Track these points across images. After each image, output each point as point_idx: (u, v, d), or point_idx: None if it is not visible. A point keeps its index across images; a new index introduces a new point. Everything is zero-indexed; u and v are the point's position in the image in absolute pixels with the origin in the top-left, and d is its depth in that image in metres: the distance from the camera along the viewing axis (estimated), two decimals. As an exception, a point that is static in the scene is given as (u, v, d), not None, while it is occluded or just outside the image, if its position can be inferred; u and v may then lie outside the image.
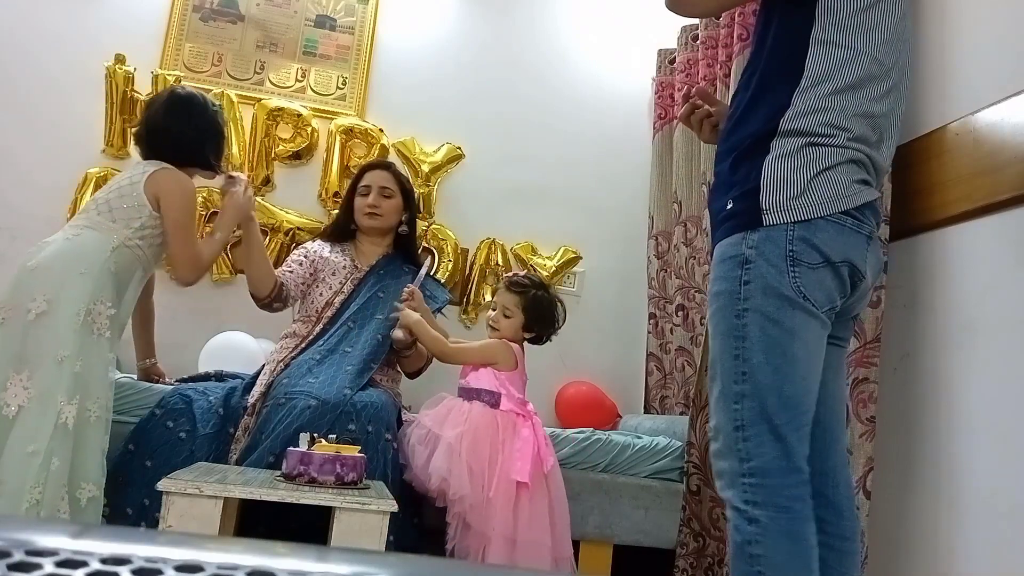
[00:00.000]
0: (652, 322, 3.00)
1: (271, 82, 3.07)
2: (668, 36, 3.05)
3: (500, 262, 3.07)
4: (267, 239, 2.91)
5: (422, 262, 2.55)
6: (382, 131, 3.05)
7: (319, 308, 2.36)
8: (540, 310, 2.18)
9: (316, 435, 1.74)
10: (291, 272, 2.36)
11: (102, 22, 2.97)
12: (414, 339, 2.24)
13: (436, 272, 2.91)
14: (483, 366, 2.13)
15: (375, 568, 0.29)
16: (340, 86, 3.11)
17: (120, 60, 2.88)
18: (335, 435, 1.79)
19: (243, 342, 2.67)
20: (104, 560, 0.27)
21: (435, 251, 3.04)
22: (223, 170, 2.21)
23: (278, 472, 1.72)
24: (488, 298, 3.01)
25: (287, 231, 2.94)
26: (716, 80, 2.63)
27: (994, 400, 1.55)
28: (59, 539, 0.28)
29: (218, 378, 2.36)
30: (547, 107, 3.22)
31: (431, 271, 2.55)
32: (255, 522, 1.94)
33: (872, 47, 1.31)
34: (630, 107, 3.26)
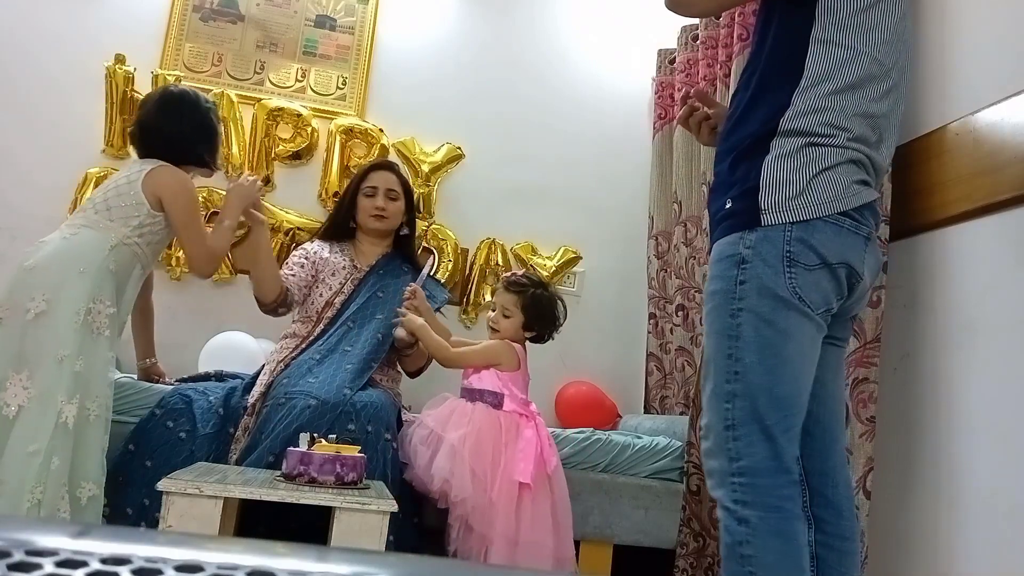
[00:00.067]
0: (652, 322, 3.00)
1: (271, 82, 3.07)
2: (668, 36, 3.05)
3: (500, 262, 3.07)
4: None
5: (421, 262, 2.56)
6: (382, 131, 3.05)
7: (319, 308, 2.36)
8: (540, 308, 2.17)
9: (316, 435, 1.74)
10: (293, 275, 2.36)
11: (102, 22, 2.97)
12: (416, 339, 2.24)
13: (436, 272, 2.91)
14: (486, 368, 2.13)
15: (375, 568, 0.29)
16: (340, 86, 3.11)
17: (120, 60, 2.88)
18: (335, 435, 1.79)
19: (243, 342, 2.67)
20: (104, 560, 0.27)
21: (435, 251, 3.05)
22: (219, 167, 2.20)
23: (278, 472, 1.72)
24: (488, 298, 3.01)
25: (287, 231, 2.94)
26: (716, 80, 2.63)
27: (994, 400, 1.55)
28: (59, 539, 0.28)
29: (218, 378, 2.36)
30: (547, 107, 3.23)
31: (432, 271, 2.55)
32: (255, 522, 1.94)
33: (872, 47, 1.30)
34: (630, 107, 3.26)
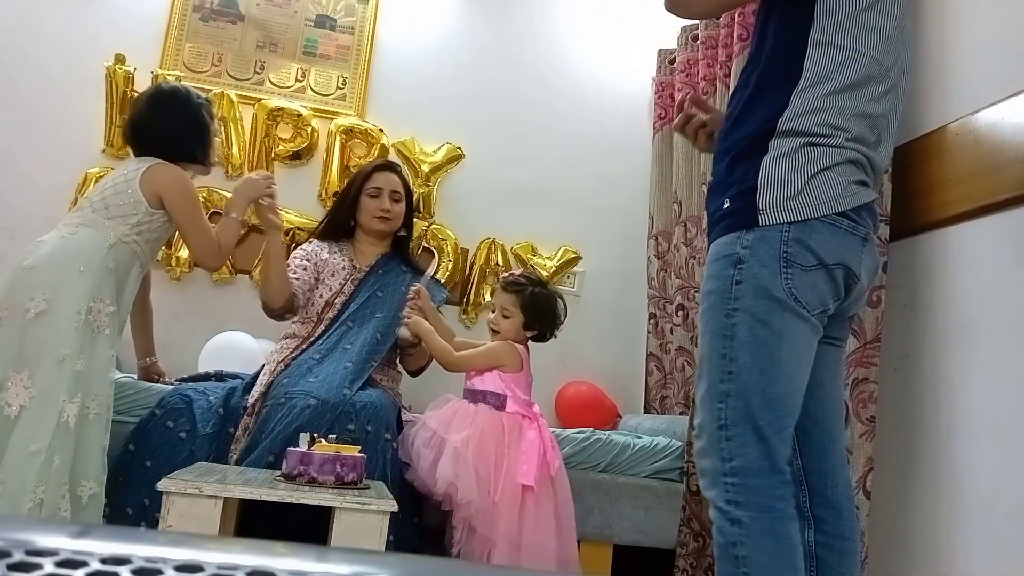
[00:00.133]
0: (652, 322, 3.00)
1: (271, 82, 3.07)
2: (668, 36, 3.05)
3: (500, 262, 3.06)
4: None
5: (420, 263, 2.56)
6: (382, 131, 3.05)
7: (319, 309, 2.36)
8: (539, 307, 2.16)
9: (316, 435, 1.74)
10: (297, 279, 2.36)
11: (102, 22, 2.97)
12: (419, 339, 2.24)
13: (436, 272, 2.92)
14: (489, 370, 2.12)
15: (375, 568, 0.29)
16: (340, 86, 3.11)
17: (120, 60, 2.88)
18: (335, 435, 1.79)
19: (243, 342, 2.67)
20: (104, 560, 0.27)
21: (435, 251, 3.05)
22: (213, 163, 2.19)
23: (278, 472, 1.72)
24: (488, 298, 3.01)
25: (287, 231, 2.93)
26: (716, 80, 2.63)
27: (994, 400, 1.55)
28: (59, 539, 0.28)
29: (218, 378, 2.36)
30: (547, 107, 3.23)
31: (433, 273, 2.57)
32: (255, 522, 1.95)
33: (871, 48, 1.30)
34: (630, 107, 3.26)
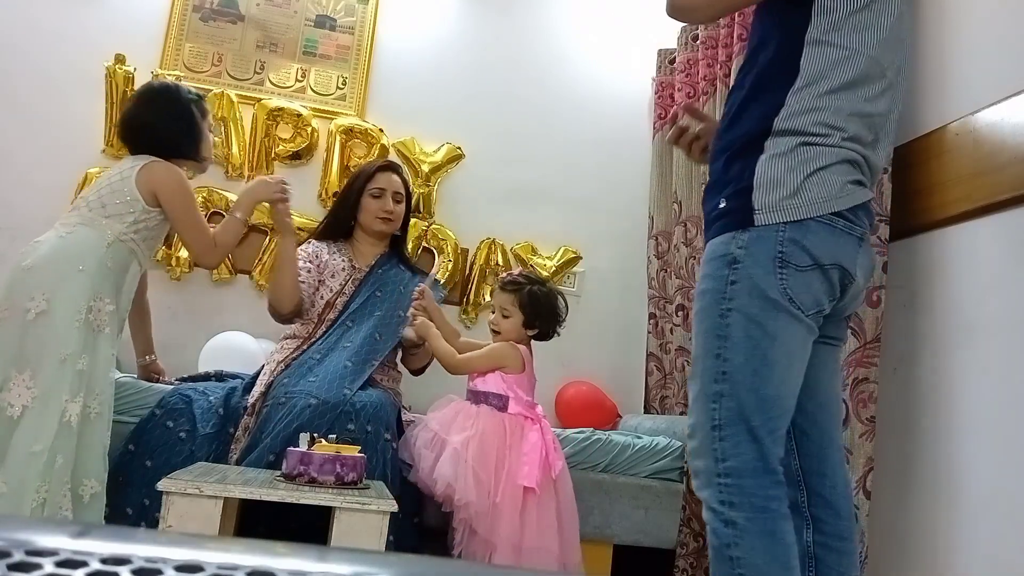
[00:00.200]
0: (652, 322, 3.00)
1: (271, 82, 3.07)
2: (668, 36, 3.05)
3: (500, 262, 3.06)
4: (267, 239, 2.92)
5: (419, 263, 2.56)
6: (382, 131, 3.05)
7: (320, 310, 2.36)
8: (537, 305, 2.15)
9: (316, 435, 1.74)
10: (303, 282, 2.36)
11: (102, 22, 2.97)
12: (424, 340, 2.25)
13: (437, 272, 2.94)
14: (491, 371, 2.11)
15: (375, 568, 0.29)
16: (340, 86, 3.11)
17: (120, 60, 2.88)
18: (335, 435, 1.79)
19: (243, 342, 2.67)
20: (104, 560, 0.27)
21: (435, 251, 3.05)
22: (204, 158, 2.16)
23: (278, 472, 1.72)
24: (488, 298, 3.01)
25: (287, 231, 2.93)
26: (716, 80, 2.63)
27: (994, 400, 1.55)
28: (59, 539, 0.28)
29: (218, 378, 2.37)
30: (547, 107, 3.23)
31: (435, 273, 2.59)
32: (255, 522, 1.95)
33: (868, 46, 1.29)
34: (630, 107, 3.26)
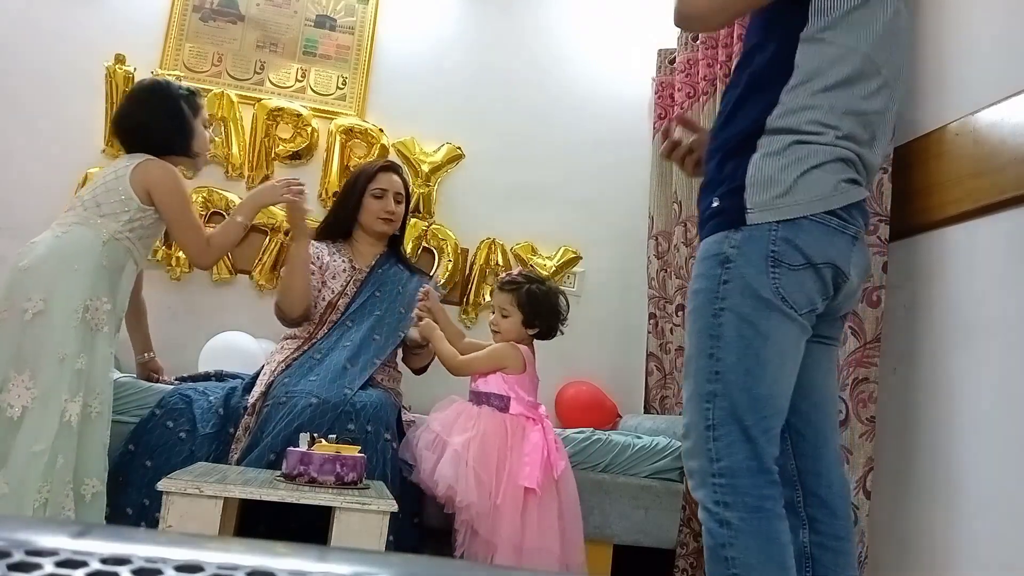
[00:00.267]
0: (652, 322, 3.00)
1: (271, 82, 3.07)
2: (668, 36, 3.05)
3: (500, 262, 3.06)
4: (267, 239, 2.92)
5: (415, 261, 2.57)
6: (382, 131, 3.05)
7: (321, 311, 2.36)
8: (536, 304, 2.14)
9: (316, 435, 1.74)
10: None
11: (101, 23, 2.97)
12: (427, 341, 2.25)
13: (437, 271, 2.96)
14: (493, 372, 2.11)
15: (375, 568, 0.29)
16: (340, 86, 3.11)
17: (120, 60, 2.88)
18: (335, 435, 1.79)
19: (243, 342, 2.67)
20: (104, 560, 0.27)
21: (435, 251, 3.05)
22: (196, 154, 2.14)
23: (278, 472, 1.72)
24: (488, 298, 3.01)
25: (287, 231, 2.93)
26: (716, 80, 2.63)
27: (994, 400, 1.55)
28: (59, 539, 0.28)
29: (218, 378, 2.37)
30: (547, 107, 3.22)
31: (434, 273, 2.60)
32: (255, 522, 1.95)
33: (863, 44, 1.28)
34: (630, 107, 3.26)
